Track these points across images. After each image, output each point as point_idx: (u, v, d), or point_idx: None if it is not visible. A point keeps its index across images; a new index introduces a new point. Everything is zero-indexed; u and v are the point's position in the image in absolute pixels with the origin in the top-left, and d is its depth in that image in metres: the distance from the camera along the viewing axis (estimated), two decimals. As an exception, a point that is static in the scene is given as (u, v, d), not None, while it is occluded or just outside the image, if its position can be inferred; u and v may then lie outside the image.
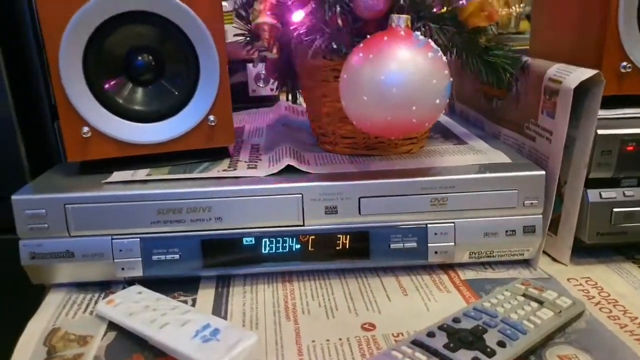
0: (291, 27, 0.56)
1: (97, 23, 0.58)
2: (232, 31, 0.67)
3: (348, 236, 0.59)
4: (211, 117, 0.63)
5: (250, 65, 1.06)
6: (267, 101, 1.08)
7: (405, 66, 0.49)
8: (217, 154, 0.66)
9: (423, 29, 0.54)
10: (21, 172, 0.73)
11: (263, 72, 1.05)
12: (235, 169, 0.62)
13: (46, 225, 0.57)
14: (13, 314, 0.60)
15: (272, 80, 1.03)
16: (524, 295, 0.53)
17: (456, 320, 0.49)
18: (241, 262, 0.59)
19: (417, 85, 0.49)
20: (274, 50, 0.59)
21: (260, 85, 1.07)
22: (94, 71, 0.60)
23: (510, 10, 0.52)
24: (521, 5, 0.53)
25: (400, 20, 0.51)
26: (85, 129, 0.60)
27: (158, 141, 0.62)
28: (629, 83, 0.61)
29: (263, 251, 0.59)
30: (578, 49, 0.65)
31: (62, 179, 0.62)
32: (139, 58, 0.62)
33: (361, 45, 0.52)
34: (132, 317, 0.52)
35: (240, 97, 0.63)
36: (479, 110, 0.82)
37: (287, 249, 0.59)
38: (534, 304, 0.51)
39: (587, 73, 0.55)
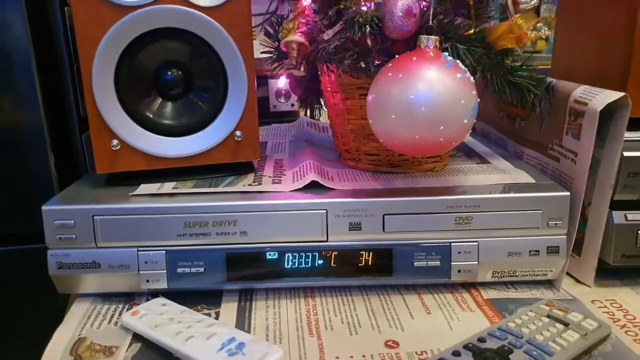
0: (320, 46, 0.57)
1: (129, 39, 0.59)
2: (256, 47, 0.68)
3: (371, 253, 0.59)
4: (238, 133, 0.64)
5: (271, 81, 1.07)
6: (288, 117, 1.09)
7: (434, 86, 0.50)
8: (242, 169, 0.67)
9: (451, 49, 0.55)
10: (50, 181, 0.74)
11: (285, 88, 1.06)
12: (260, 184, 0.63)
13: (74, 235, 0.57)
14: (39, 323, 0.61)
15: (293, 97, 1.04)
16: (548, 316, 0.52)
17: (481, 339, 0.49)
18: (265, 276, 0.59)
19: (446, 105, 0.50)
20: (302, 68, 0.60)
21: (281, 101, 1.08)
22: (125, 85, 0.61)
23: (540, 33, 0.52)
24: (546, 28, 0.53)
25: (430, 41, 0.52)
26: (115, 141, 0.61)
27: (185, 155, 0.63)
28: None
29: (286, 266, 0.59)
30: (603, 70, 0.65)
31: (90, 191, 0.63)
32: (169, 73, 0.63)
33: (390, 65, 0.53)
34: (157, 329, 0.52)
35: (261, 112, 0.64)
36: (501, 129, 0.82)
37: (310, 265, 0.59)
38: (560, 326, 0.51)
39: (613, 95, 0.55)
